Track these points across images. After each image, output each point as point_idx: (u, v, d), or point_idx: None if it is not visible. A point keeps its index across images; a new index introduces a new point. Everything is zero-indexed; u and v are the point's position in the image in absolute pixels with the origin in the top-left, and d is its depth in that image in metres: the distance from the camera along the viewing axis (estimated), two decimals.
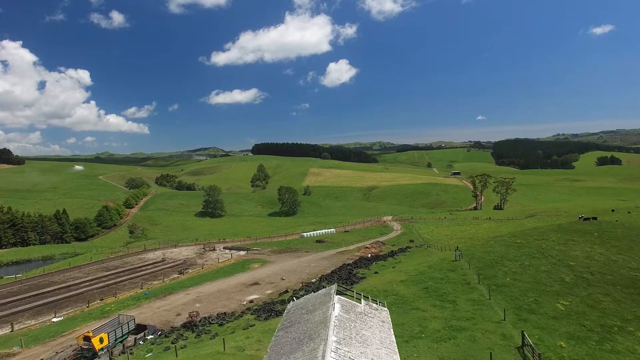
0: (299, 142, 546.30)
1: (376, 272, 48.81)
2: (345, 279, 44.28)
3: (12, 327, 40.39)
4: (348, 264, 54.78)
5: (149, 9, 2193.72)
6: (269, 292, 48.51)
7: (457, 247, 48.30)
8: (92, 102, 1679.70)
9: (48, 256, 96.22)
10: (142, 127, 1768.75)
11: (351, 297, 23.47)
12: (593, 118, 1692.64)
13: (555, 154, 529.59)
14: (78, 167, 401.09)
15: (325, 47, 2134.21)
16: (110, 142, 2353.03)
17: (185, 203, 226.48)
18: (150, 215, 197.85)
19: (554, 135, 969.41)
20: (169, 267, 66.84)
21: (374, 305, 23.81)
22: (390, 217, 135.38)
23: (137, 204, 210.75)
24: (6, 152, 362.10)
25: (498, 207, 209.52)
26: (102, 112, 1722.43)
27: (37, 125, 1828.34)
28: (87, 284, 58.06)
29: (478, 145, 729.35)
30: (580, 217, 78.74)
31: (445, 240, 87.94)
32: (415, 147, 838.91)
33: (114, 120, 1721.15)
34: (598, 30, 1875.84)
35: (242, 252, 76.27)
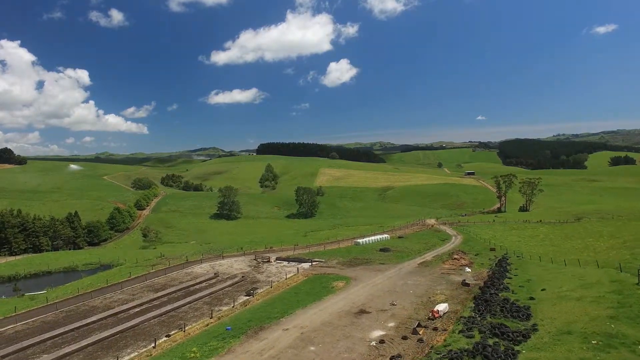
0: (304, 142, 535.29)
1: (531, 298, 37.49)
2: (513, 310, 32.80)
3: None
4: (482, 287, 43.16)
5: (149, 8, 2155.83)
6: (391, 324, 37.14)
7: None
8: (91, 102, 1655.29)
9: (70, 267, 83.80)
10: (141, 127, 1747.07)
11: None
12: (593, 118, 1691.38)
13: (563, 154, 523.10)
14: (73, 167, 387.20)
15: (326, 47, 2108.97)
16: (109, 142, 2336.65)
17: (198, 204, 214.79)
18: (163, 217, 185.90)
19: (554, 136, 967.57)
20: (229, 286, 55.25)
21: None
22: (434, 221, 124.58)
23: (148, 206, 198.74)
24: (8, 151, 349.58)
25: (524, 209, 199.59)
26: (101, 112, 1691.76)
27: (35, 125, 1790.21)
28: (138, 310, 46.40)
29: (483, 145, 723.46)
30: None
31: (528, 249, 77.20)
32: (417, 147, 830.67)
33: (113, 120, 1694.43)
34: (601, 30, 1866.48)
35: (306, 265, 64.83)
